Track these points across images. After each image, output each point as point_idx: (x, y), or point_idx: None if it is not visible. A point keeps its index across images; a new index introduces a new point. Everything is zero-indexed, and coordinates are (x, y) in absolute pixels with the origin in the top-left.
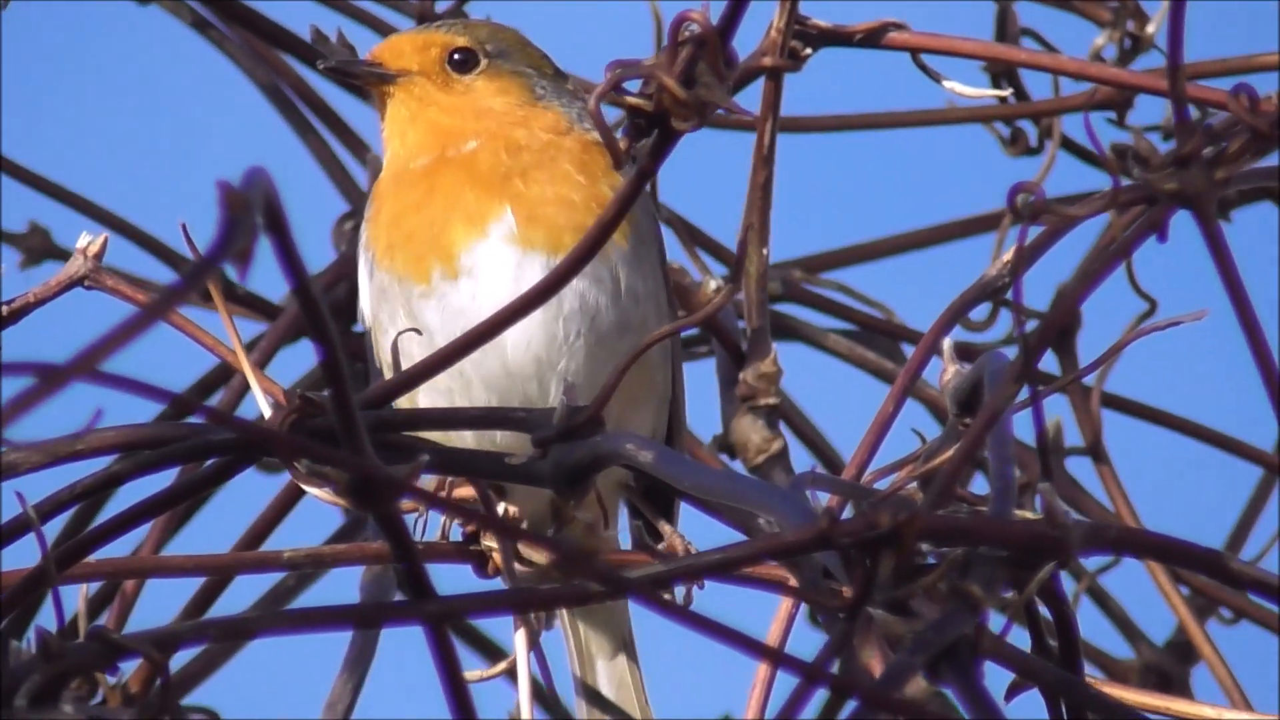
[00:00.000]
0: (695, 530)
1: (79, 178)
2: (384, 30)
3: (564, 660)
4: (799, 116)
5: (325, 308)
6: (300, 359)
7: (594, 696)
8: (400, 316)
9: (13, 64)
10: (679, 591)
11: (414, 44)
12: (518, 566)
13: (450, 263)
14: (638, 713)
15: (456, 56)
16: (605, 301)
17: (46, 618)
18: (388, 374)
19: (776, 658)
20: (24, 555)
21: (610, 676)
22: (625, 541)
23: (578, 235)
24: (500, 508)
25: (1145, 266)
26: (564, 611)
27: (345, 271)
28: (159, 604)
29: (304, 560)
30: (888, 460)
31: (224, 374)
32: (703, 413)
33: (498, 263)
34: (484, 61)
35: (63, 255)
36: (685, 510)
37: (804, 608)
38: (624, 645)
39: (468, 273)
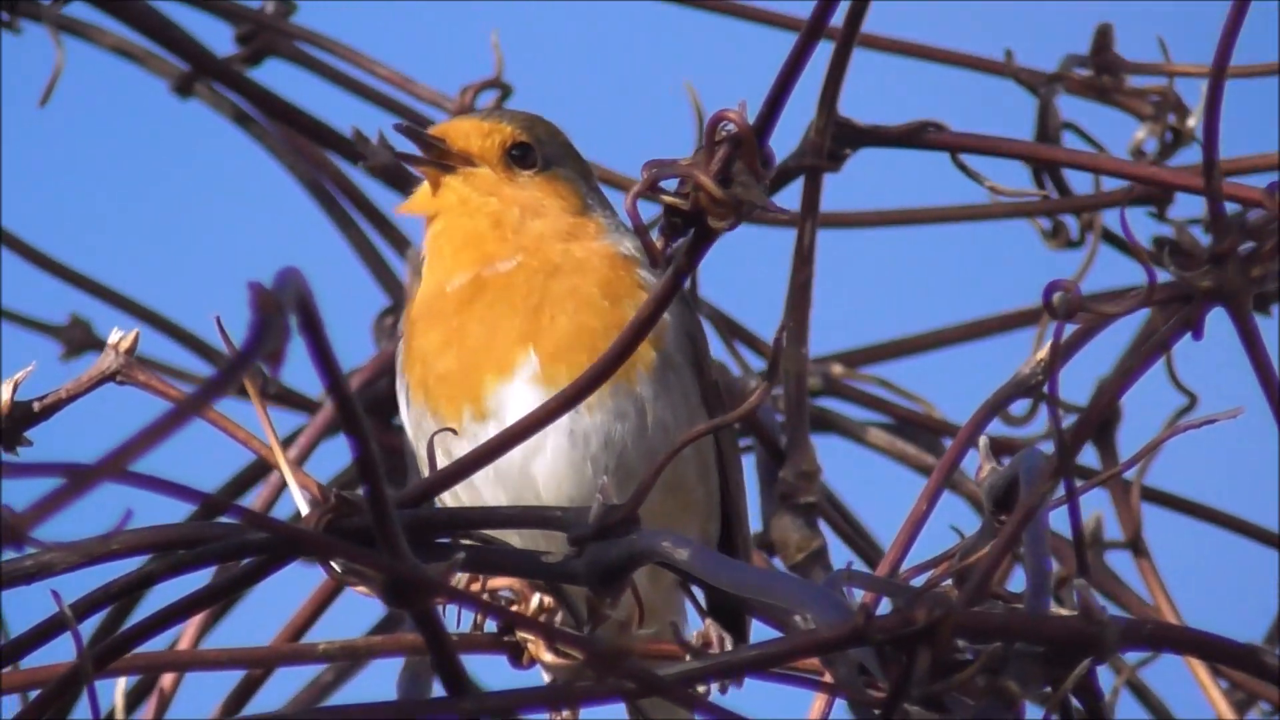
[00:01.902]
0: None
1: (119, 272)
2: (424, 125)
3: None
4: (839, 212)
5: (360, 408)
6: (341, 452)
7: None
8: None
9: (53, 158)
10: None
11: (479, 130)
12: (553, 659)
13: (478, 404)
14: None
15: (515, 151)
16: (631, 438)
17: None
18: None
19: None
20: (60, 654)
21: None
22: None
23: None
24: (536, 598)
25: (1185, 360)
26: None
27: (385, 366)
28: (197, 699)
29: (339, 653)
30: (924, 556)
31: (261, 469)
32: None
33: (522, 404)
34: (540, 160)
35: (104, 347)
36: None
37: (844, 703)
38: None
39: (495, 415)
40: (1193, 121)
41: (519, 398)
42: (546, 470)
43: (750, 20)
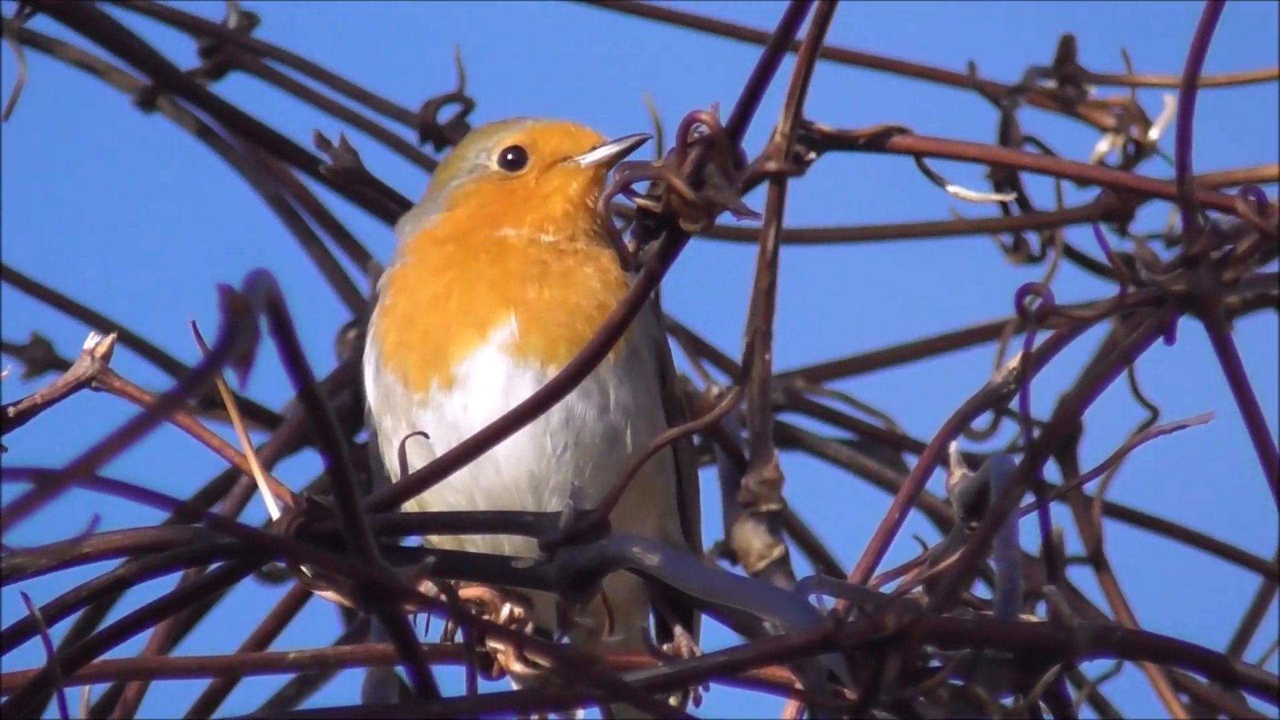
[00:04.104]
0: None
1: (81, 286)
2: (385, 138)
3: None
4: (802, 229)
5: (331, 410)
6: (303, 468)
7: None
8: (403, 424)
9: (15, 172)
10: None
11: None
12: (523, 668)
13: (445, 371)
14: None
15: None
16: (592, 415)
17: None
18: (393, 477)
19: None
20: (30, 658)
21: None
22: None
23: (574, 346)
24: (506, 609)
25: (1145, 376)
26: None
27: (348, 379)
28: (164, 708)
29: (309, 661)
30: (887, 567)
31: (230, 478)
32: (705, 518)
33: (489, 373)
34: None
35: (65, 366)
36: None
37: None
38: None
39: (461, 383)
40: (1155, 133)
41: (487, 366)
42: (507, 445)
43: (710, 33)
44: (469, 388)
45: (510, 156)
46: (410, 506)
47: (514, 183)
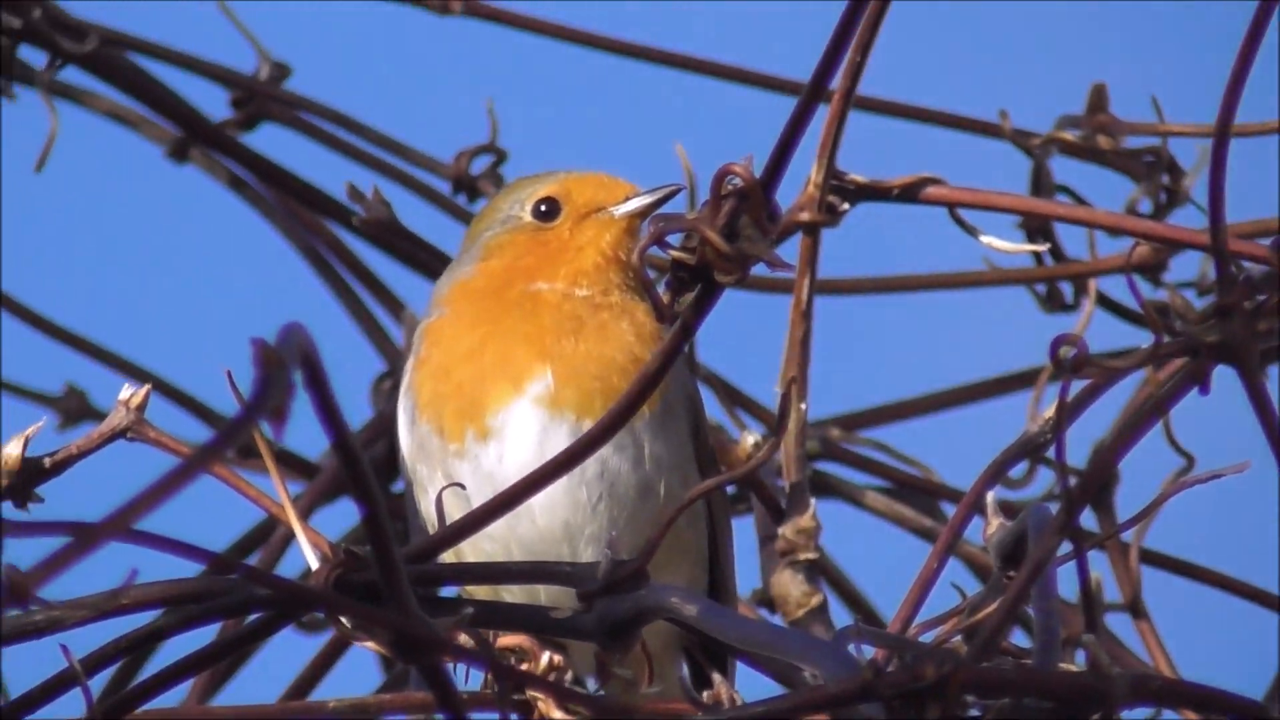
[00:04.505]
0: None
1: (115, 336)
2: (418, 189)
3: None
4: (837, 279)
5: (366, 461)
6: (339, 518)
7: None
8: (438, 475)
9: (48, 223)
10: None
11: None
12: (563, 716)
13: (481, 423)
14: None
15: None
16: (627, 468)
17: None
18: (429, 527)
19: None
20: (70, 709)
21: None
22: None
23: (609, 399)
24: (545, 656)
25: (1181, 423)
26: None
27: (384, 429)
28: None
29: (349, 710)
30: (925, 617)
31: (268, 528)
32: (742, 568)
33: (525, 426)
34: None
35: (100, 417)
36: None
37: None
38: None
39: (496, 435)
40: (1188, 182)
41: (522, 418)
42: (543, 495)
43: (744, 83)
44: (504, 439)
45: (544, 207)
46: (447, 556)
47: (548, 234)
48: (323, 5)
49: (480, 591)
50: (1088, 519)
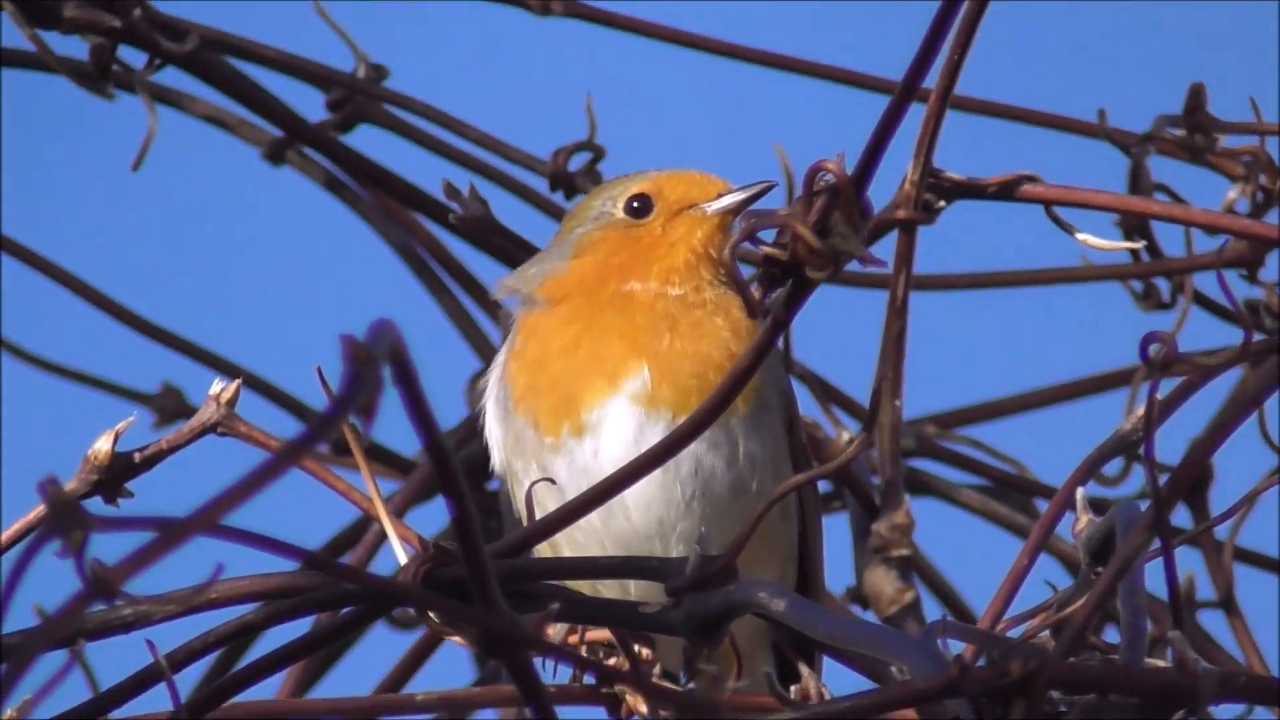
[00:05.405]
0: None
1: (213, 338)
2: (515, 187)
3: None
4: (932, 275)
5: (456, 459)
6: (435, 516)
7: None
8: (533, 467)
9: (146, 223)
10: None
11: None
12: (649, 711)
13: (577, 418)
14: None
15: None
16: (721, 466)
17: None
18: (522, 520)
19: None
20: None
21: None
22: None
23: (705, 396)
24: (635, 649)
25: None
26: None
27: (479, 427)
28: None
29: (438, 703)
30: (1019, 612)
31: (363, 526)
32: (835, 565)
33: (621, 422)
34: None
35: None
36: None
37: None
38: None
39: (592, 430)
40: None
41: (619, 415)
42: (637, 492)
43: (839, 82)
44: (600, 436)
45: (636, 204)
46: (543, 550)
47: (639, 230)
48: (421, 5)
49: (579, 588)
50: (1182, 516)
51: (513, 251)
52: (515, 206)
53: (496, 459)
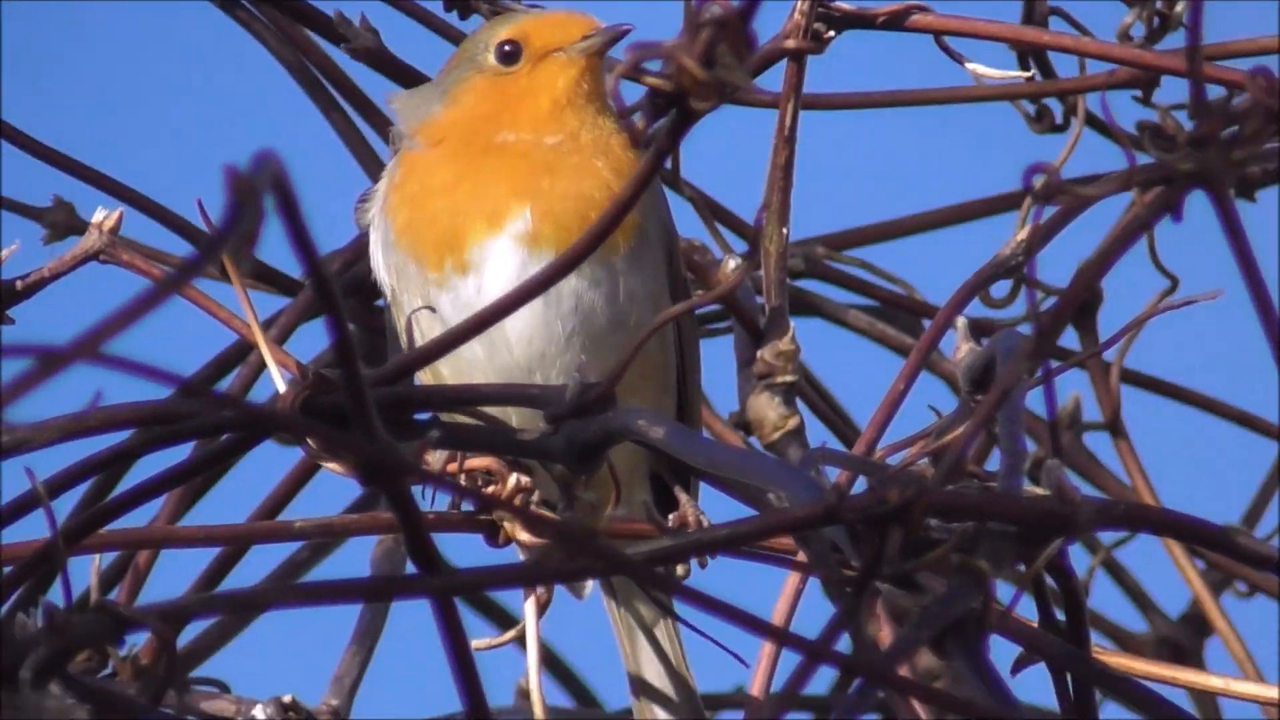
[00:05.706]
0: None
1: (101, 154)
2: (411, 12)
3: (577, 629)
4: (822, 94)
5: (337, 287)
6: (321, 335)
7: (634, 662)
8: (418, 301)
9: (36, 40)
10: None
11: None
12: (529, 538)
13: (461, 255)
14: (679, 679)
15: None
16: (601, 302)
17: (59, 595)
18: (405, 349)
19: (780, 636)
20: (38, 532)
21: (649, 643)
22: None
23: None
24: (513, 478)
25: (1169, 244)
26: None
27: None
28: (174, 578)
29: (315, 530)
30: (902, 437)
31: (242, 351)
32: (721, 390)
33: (504, 261)
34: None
35: (86, 230)
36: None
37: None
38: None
39: (475, 269)
40: (1180, 7)
41: (502, 253)
42: (520, 326)
43: None
44: (484, 274)
45: (507, 48)
46: (427, 380)
47: (507, 79)
48: None
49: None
50: (1071, 339)
51: (410, 72)
52: (413, 29)
53: (384, 284)
